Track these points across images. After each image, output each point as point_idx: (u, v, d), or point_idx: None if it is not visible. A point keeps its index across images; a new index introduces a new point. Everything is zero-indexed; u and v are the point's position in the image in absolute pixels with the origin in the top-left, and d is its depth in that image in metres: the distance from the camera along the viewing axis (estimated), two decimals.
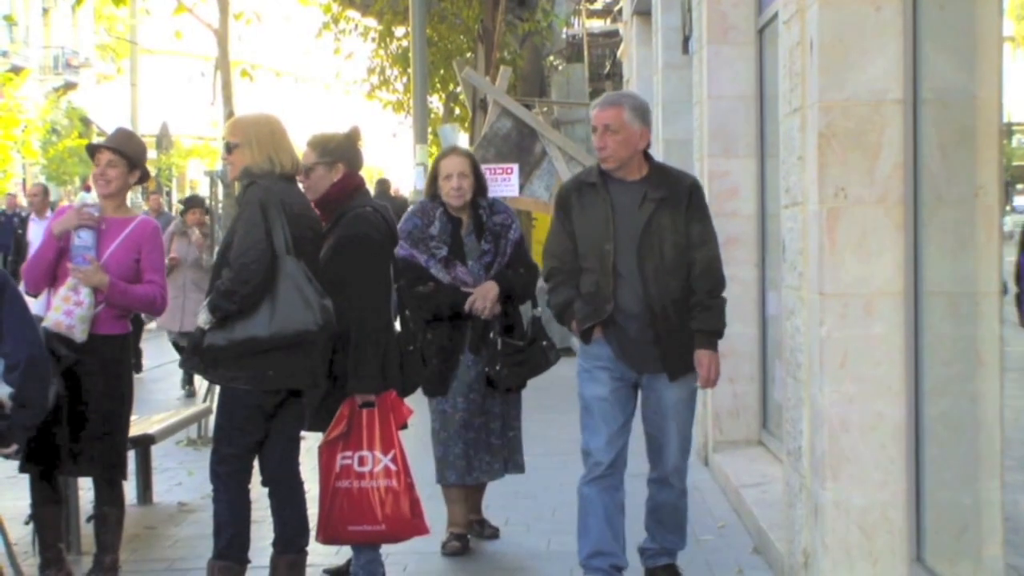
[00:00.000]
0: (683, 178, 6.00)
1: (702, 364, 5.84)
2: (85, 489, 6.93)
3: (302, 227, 5.73)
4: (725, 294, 5.95)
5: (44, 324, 6.03)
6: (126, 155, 6.34)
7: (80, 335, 6.08)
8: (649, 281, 5.79)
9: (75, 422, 6.15)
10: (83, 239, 6.18)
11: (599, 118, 5.86)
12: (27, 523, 6.59)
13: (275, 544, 5.91)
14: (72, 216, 6.19)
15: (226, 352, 5.61)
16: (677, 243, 5.79)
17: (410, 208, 7.14)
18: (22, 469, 6.32)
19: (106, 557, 6.32)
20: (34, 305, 6.16)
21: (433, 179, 6.83)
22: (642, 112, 5.90)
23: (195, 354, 5.73)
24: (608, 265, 5.81)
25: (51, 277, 6.22)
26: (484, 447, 6.82)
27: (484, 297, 6.67)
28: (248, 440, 5.76)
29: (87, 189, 6.40)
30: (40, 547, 6.34)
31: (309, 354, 5.65)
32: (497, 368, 6.68)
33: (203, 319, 5.66)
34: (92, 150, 6.39)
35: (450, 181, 6.70)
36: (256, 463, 5.90)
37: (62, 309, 6.07)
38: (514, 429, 6.93)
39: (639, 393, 5.98)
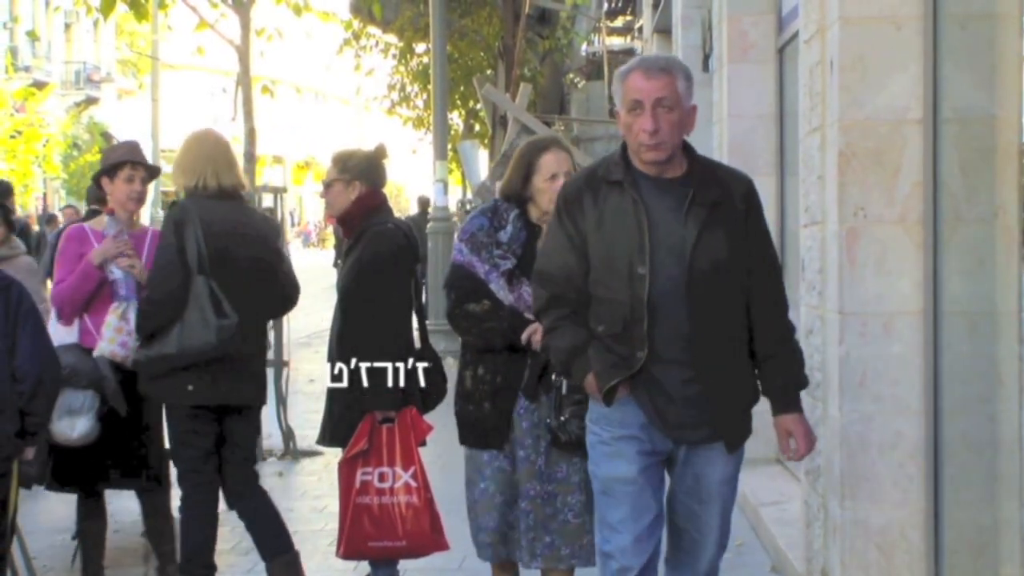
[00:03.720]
0: (737, 177, 4.58)
1: (797, 435, 4.49)
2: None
3: (224, 244, 5.82)
4: None
5: (96, 355, 6.08)
6: (151, 169, 6.42)
7: (132, 363, 6.08)
8: (701, 316, 4.33)
9: (120, 437, 6.19)
10: (121, 267, 6.19)
11: (647, 89, 4.32)
12: (74, 538, 6.66)
13: (263, 555, 6.05)
14: (111, 245, 6.19)
15: (147, 368, 5.84)
16: (737, 263, 4.38)
17: (479, 207, 5.89)
18: (49, 487, 6.41)
19: (168, 567, 6.40)
20: (67, 333, 6.16)
21: (525, 177, 5.31)
22: (691, 83, 4.44)
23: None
24: (641, 294, 4.31)
25: (87, 305, 6.21)
26: (544, 524, 5.31)
27: None
28: (193, 452, 5.92)
29: (110, 213, 6.35)
30: (83, 562, 6.42)
31: (238, 372, 5.88)
32: (563, 419, 4.99)
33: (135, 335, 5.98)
34: (115, 168, 6.32)
35: (556, 182, 5.19)
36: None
37: (116, 341, 6.10)
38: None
39: (670, 465, 4.61)
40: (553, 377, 5.02)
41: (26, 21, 42.70)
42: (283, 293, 6.19)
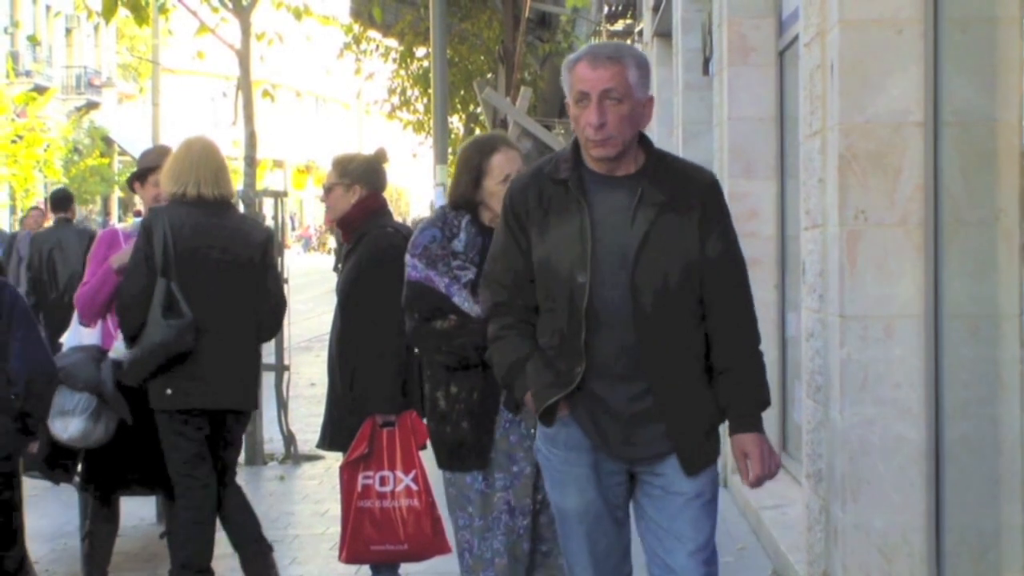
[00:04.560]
0: (696, 174, 4.16)
1: (752, 457, 4.04)
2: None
3: (192, 246, 5.92)
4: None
5: (111, 355, 6.13)
6: None
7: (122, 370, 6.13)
8: (647, 325, 3.96)
9: (140, 442, 6.20)
10: None
11: (593, 80, 3.98)
12: (83, 540, 6.69)
13: (235, 547, 6.20)
14: (130, 249, 6.20)
15: (128, 373, 5.96)
16: (688, 268, 4.00)
17: (426, 218, 5.43)
18: (82, 489, 6.47)
19: (187, 573, 6.39)
20: (89, 335, 6.21)
21: (475, 181, 4.99)
22: (647, 72, 4.05)
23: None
24: (580, 305, 3.95)
25: (107, 308, 6.27)
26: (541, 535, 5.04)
27: None
28: (181, 456, 5.99)
29: (137, 214, 6.47)
30: (89, 567, 6.46)
31: (219, 376, 5.94)
32: None
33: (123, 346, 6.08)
34: (145, 174, 6.41)
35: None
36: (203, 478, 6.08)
37: None
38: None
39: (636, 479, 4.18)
40: None
41: (27, 26, 42.70)
42: (270, 303, 6.21)
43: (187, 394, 5.91)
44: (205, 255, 5.95)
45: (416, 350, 5.29)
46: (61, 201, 13.00)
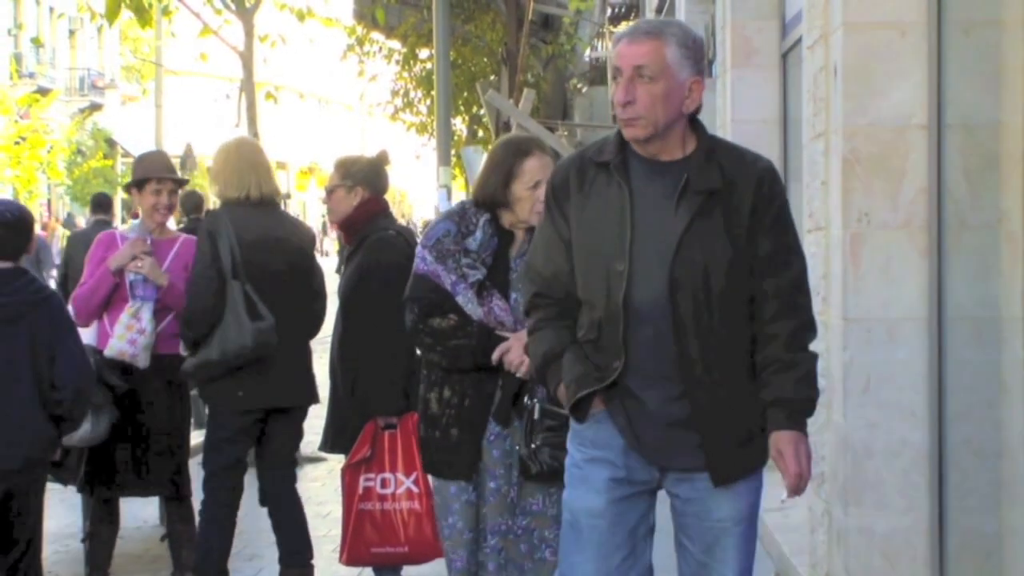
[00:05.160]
0: (751, 161, 3.83)
1: (786, 455, 3.71)
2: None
3: (256, 250, 5.95)
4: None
5: (107, 353, 6.14)
6: (178, 181, 6.55)
7: (144, 362, 6.17)
8: (686, 324, 3.67)
9: (140, 442, 6.25)
10: (131, 268, 6.22)
11: (627, 55, 3.70)
12: (83, 541, 6.70)
13: (280, 559, 6.22)
14: (128, 250, 6.23)
15: (195, 376, 6.01)
16: (735, 263, 3.69)
17: (445, 210, 5.13)
18: (82, 490, 6.48)
19: (185, 573, 6.42)
20: (84, 334, 6.22)
21: (504, 183, 4.74)
22: (695, 51, 3.72)
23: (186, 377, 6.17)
24: (617, 296, 3.68)
25: (103, 308, 6.28)
26: (518, 563, 4.80)
27: (523, 346, 4.50)
28: (224, 460, 6.06)
29: (135, 216, 6.51)
30: (91, 569, 6.48)
31: (284, 374, 6.01)
32: (534, 447, 4.54)
33: (183, 344, 6.15)
34: (143, 182, 6.38)
35: (538, 190, 4.62)
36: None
37: (126, 338, 6.14)
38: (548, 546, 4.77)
39: (670, 504, 3.91)
40: (526, 400, 4.57)
41: (30, 28, 42.76)
42: (319, 302, 6.33)
43: (258, 395, 6.00)
44: (268, 256, 6.01)
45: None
46: (100, 204, 13.11)
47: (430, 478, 4.92)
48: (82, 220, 35.28)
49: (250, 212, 6.04)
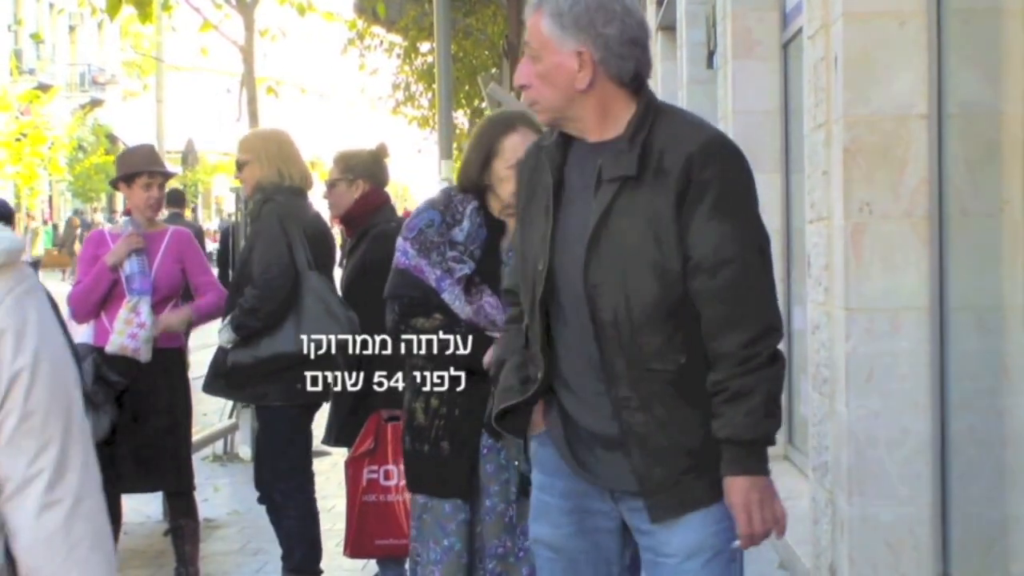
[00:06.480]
0: (684, 137, 3.08)
1: (735, 508, 3.07)
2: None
3: (318, 243, 5.96)
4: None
5: (108, 349, 6.13)
6: (167, 175, 6.54)
7: (145, 356, 6.16)
8: (607, 334, 3.07)
9: (142, 438, 6.22)
10: (133, 266, 6.24)
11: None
12: None
13: (283, 556, 6.19)
14: (123, 246, 6.23)
15: (255, 370, 5.81)
16: (662, 263, 3.03)
17: (427, 198, 4.60)
18: None
19: (188, 569, 6.43)
20: (80, 332, 6.23)
21: (483, 162, 4.27)
22: (576, 16, 3.06)
23: (218, 376, 5.92)
24: (538, 297, 3.17)
25: (101, 306, 6.28)
26: None
27: None
28: (299, 452, 6.04)
29: (127, 213, 6.48)
30: None
31: (335, 366, 5.82)
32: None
33: (225, 338, 5.85)
34: (132, 176, 6.34)
35: None
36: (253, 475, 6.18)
37: (126, 332, 6.14)
38: None
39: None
40: None
41: (30, 24, 42.75)
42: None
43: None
44: (324, 252, 6.05)
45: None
46: (174, 199, 13.17)
47: (416, 498, 4.44)
48: (94, 216, 35.29)
49: (300, 200, 6.05)
